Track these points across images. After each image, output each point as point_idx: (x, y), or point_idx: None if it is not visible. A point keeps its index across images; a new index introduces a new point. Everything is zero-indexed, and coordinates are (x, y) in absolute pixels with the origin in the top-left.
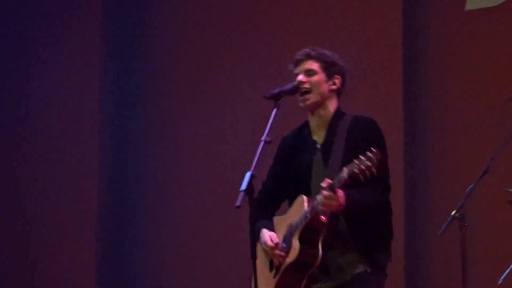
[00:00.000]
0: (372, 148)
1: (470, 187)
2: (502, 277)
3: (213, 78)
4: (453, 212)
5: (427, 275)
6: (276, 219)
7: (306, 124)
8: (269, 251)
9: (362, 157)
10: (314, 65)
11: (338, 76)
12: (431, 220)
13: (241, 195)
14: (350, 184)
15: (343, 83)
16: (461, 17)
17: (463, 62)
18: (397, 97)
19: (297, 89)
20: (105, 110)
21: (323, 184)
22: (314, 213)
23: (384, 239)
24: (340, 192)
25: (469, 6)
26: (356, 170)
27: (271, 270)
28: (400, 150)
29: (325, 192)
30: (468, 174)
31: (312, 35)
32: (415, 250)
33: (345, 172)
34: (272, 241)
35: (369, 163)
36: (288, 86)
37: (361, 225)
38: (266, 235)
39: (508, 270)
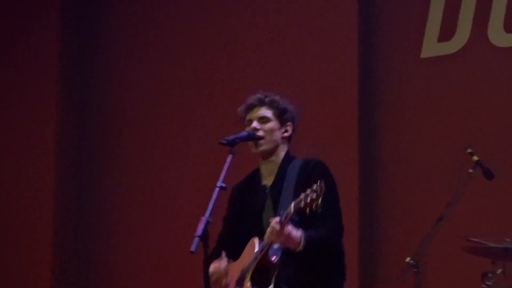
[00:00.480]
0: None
1: (424, 234)
2: None
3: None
4: (408, 259)
5: None
6: (231, 264)
7: (257, 171)
8: (218, 274)
9: (307, 190)
10: (267, 112)
11: (289, 123)
12: (386, 268)
13: (196, 240)
14: (304, 223)
15: (294, 129)
16: (417, 64)
17: (419, 109)
18: (352, 144)
19: (253, 136)
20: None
21: (272, 221)
22: (264, 253)
23: (335, 280)
24: (298, 231)
25: (425, 53)
26: (301, 203)
27: None
28: (355, 197)
29: (273, 225)
30: (423, 221)
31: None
32: None
33: (291, 206)
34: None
35: (314, 195)
36: (244, 134)
37: (312, 266)
38: (211, 266)
39: None
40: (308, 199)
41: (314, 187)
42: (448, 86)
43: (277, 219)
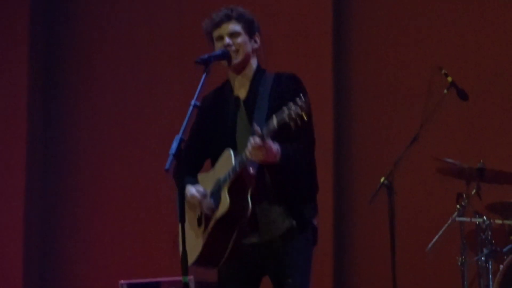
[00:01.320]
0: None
1: (399, 154)
2: (430, 245)
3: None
4: (382, 179)
5: (355, 242)
6: (200, 176)
7: (226, 83)
8: (197, 203)
9: (291, 104)
10: (236, 27)
11: (257, 34)
12: (360, 188)
13: (170, 158)
14: (278, 137)
15: (261, 39)
16: None
17: (394, 27)
18: (327, 65)
19: (227, 54)
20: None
21: (254, 133)
22: (242, 166)
23: (309, 192)
24: (275, 145)
25: None
26: (285, 118)
27: (199, 225)
28: (330, 116)
29: (253, 141)
30: (398, 142)
31: None
32: (344, 218)
33: (274, 120)
34: (198, 192)
35: (299, 110)
36: (218, 52)
37: (286, 178)
38: (192, 189)
39: (435, 238)
40: (292, 113)
41: (298, 101)
42: (424, 9)
43: (257, 132)
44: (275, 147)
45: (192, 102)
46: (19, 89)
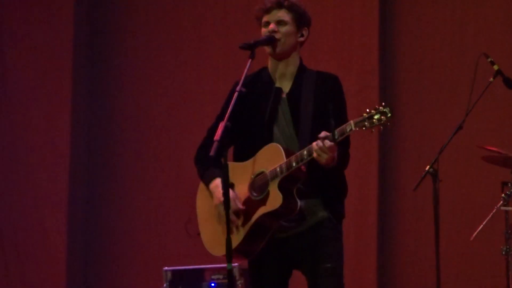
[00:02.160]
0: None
1: (444, 142)
2: (474, 234)
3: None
4: (427, 168)
5: (400, 230)
6: (232, 164)
7: (264, 70)
8: (232, 207)
9: (372, 110)
10: (286, 16)
11: (306, 28)
12: (405, 175)
13: (215, 145)
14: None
15: (308, 34)
16: None
17: (439, 15)
18: (373, 54)
19: (272, 40)
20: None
21: (321, 135)
22: (301, 164)
23: (343, 192)
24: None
25: None
26: (366, 123)
27: (238, 217)
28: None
29: (327, 142)
30: (443, 130)
31: None
32: (389, 205)
33: (352, 124)
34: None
35: (382, 117)
36: (263, 37)
37: (324, 177)
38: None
39: (480, 227)
40: (375, 120)
41: (381, 108)
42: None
43: (325, 134)
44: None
45: (238, 88)
46: (63, 91)
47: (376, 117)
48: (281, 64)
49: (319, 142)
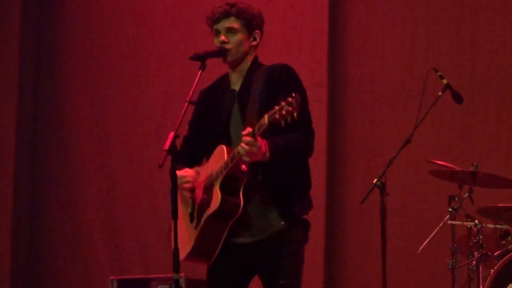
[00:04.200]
0: (292, 92)
1: (392, 155)
2: (421, 247)
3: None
4: (375, 181)
5: (347, 243)
6: (196, 170)
7: (225, 76)
8: (186, 182)
9: (282, 102)
10: (235, 24)
11: (257, 31)
12: (353, 188)
13: (164, 154)
14: (273, 130)
15: (261, 35)
16: None
17: (390, 28)
18: (322, 61)
19: (223, 51)
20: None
21: (244, 132)
22: (235, 162)
23: (301, 188)
24: (263, 141)
25: None
26: (276, 116)
27: (191, 221)
28: (324, 116)
29: (245, 138)
30: (391, 143)
31: None
32: (336, 217)
33: (265, 118)
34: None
35: (289, 108)
36: (214, 49)
37: (277, 174)
38: (180, 173)
39: (427, 240)
40: (284, 111)
41: (290, 99)
42: (419, 10)
43: (249, 128)
44: (264, 145)
45: (187, 99)
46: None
47: (285, 108)
48: (237, 69)
49: (242, 138)
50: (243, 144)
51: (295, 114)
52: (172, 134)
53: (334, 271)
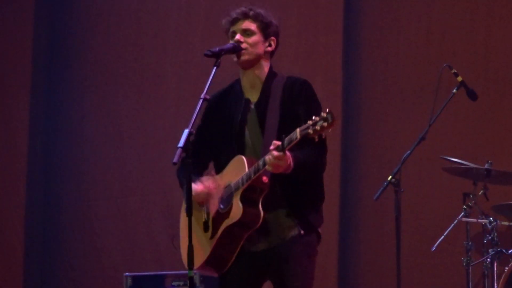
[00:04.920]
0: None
1: (406, 153)
2: (435, 244)
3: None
4: (389, 178)
5: (361, 240)
6: (206, 178)
7: (237, 82)
8: (204, 195)
9: (316, 117)
10: (252, 26)
11: (273, 38)
12: (367, 185)
13: (178, 151)
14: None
15: (277, 44)
16: None
17: (404, 25)
18: (337, 59)
19: (237, 48)
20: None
21: (272, 146)
22: (258, 174)
23: (316, 200)
24: (288, 154)
25: None
26: (309, 131)
27: (206, 230)
28: (339, 113)
29: (274, 153)
30: (406, 140)
31: None
32: (350, 214)
33: (297, 132)
34: (206, 187)
35: (324, 124)
36: (228, 45)
37: (295, 186)
38: (199, 185)
39: (441, 238)
40: (318, 127)
41: (324, 115)
42: (434, 8)
43: (277, 142)
44: (290, 159)
45: (202, 96)
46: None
47: (319, 123)
48: (250, 74)
49: (271, 151)
50: (271, 158)
51: (329, 131)
52: (186, 131)
53: (348, 268)
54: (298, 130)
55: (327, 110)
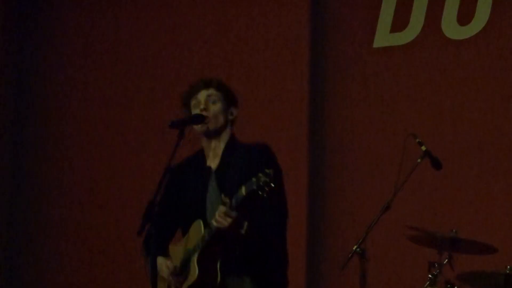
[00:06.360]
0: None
1: (371, 222)
2: None
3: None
4: (354, 247)
5: None
6: (171, 247)
7: (200, 152)
8: (166, 277)
9: (260, 174)
10: (214, 94)
11: (235, 107)
12: (332, 255)
13: (142, 222)
14: (248, 209)
15: (236, 114)
16: (369, 54)
17: (370, 98)
18: (302, 131)
19: (202, 118)
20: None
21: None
22: (211, 235)
23: (279, 266)
24: (241, 216)
25: (377, 43)
26: (254, 187)
27: None
28: (304, 184)
29: (221, 208)
30: (371, 209)
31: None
32: (316, 285)
33: (243, 189)
34: (167, 267)
35: (267, 179)
36: (193, 116)
37: (255, 251)
38: (162, 263)
39: None
40: (261, 182)
41: (267, 170)
42: (400, 77)
43: (225, 200)
44: (241, 217)
45: (167, 166)
46: None
47: (262, 179)
48: (213, 142)
49: (220, 211)
50: (217, 214)
51: (272, 185)
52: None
53: None
54: (243, 186)
55: (269, 167)
